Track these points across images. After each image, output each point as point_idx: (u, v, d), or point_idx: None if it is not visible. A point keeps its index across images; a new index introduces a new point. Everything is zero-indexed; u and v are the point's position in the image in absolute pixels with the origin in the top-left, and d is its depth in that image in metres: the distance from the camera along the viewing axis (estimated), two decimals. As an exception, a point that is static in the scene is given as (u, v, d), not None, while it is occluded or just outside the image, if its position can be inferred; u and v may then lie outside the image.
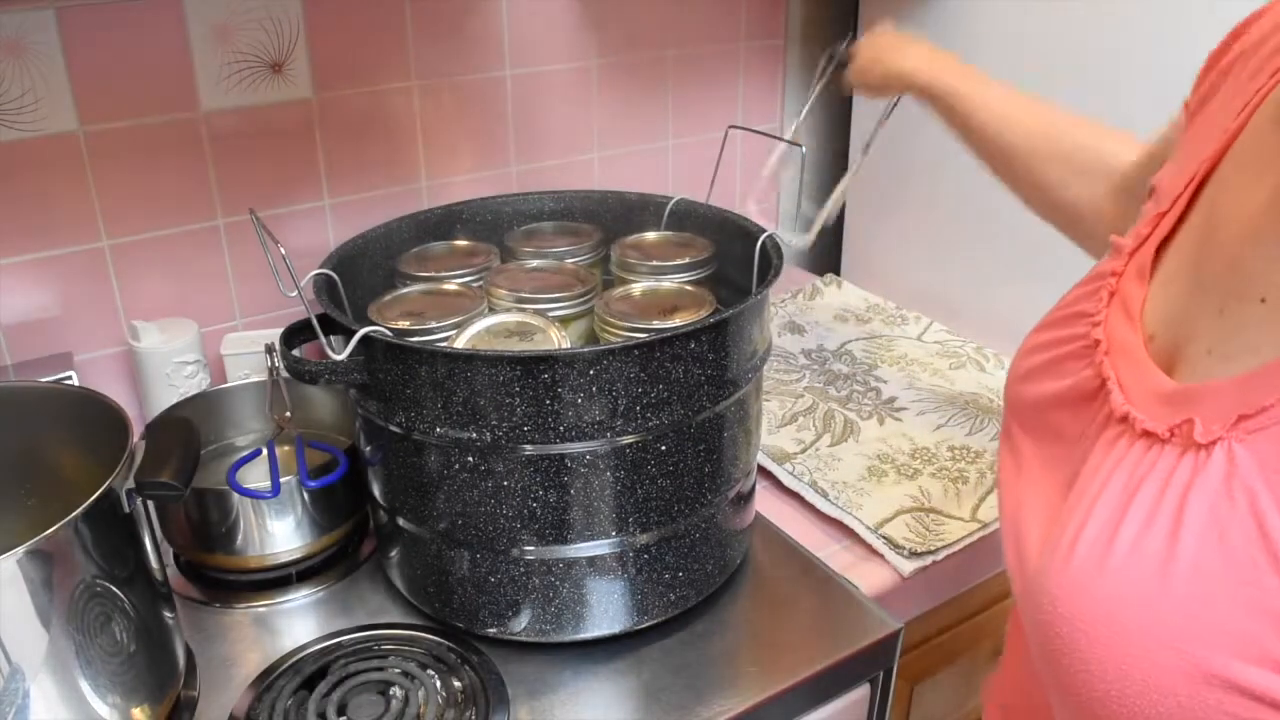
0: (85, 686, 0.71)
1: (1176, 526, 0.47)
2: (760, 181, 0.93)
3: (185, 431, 0.81)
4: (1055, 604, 0.51)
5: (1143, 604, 0.47)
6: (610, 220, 1.09)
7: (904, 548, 0.97)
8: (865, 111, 1.52)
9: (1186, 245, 0.57)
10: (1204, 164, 0.58)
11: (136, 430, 0.77)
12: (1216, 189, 0.57)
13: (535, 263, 0.99)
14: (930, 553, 0.97)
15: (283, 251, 0.76)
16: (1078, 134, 0.87)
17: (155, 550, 0.80)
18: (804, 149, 0.91)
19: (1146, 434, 0.51)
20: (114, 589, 0.73)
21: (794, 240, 1.07)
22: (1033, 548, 0.57)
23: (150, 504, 0.85)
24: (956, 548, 0.99)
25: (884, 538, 0.99)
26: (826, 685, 0.89)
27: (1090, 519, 0.51)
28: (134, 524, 0.76)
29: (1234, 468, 0.46)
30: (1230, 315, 0.52)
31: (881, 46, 1.03)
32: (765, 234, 0.91)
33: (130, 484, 0.73)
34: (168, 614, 0.81)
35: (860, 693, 0.93)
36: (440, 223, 1.06)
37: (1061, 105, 0.90)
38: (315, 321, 0.80)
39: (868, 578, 0.96)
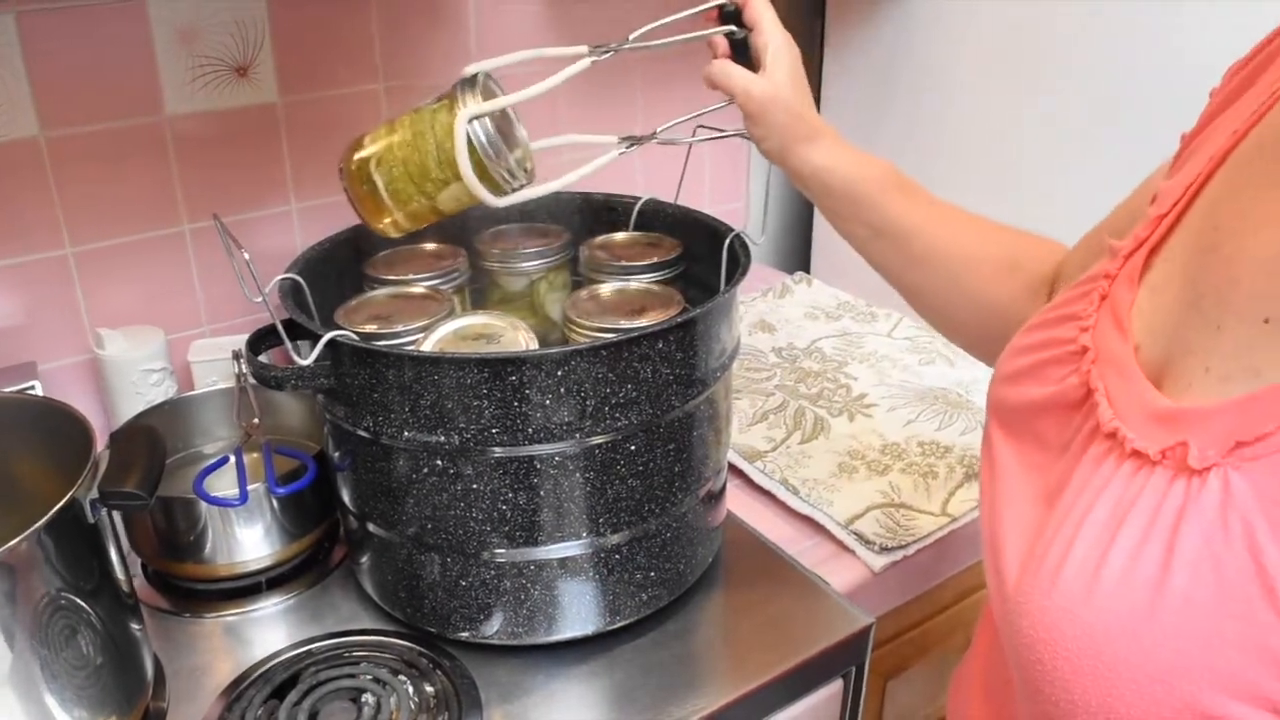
0: (51, 701, 0.70)
1: (1168, 556, 0.45)
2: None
3: (150, 440, 0.80)
4: (1037, 629, 0.49)
5: (1131, 636, 0.45)
6: (578, 221, 1.09)
7: (875, 543, 0.98)
8: (834, 101, 1.52)
9: (1180, 253, 0.55)
10: (1207, 168, 0.56)
11: (101, 440, 0.77)
12: (1217, 197, 0.55)
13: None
14: (901, 548, 0.98)
15: (246, 257, 0.76)
16: (1001, 235, 0.83)
17: (121, 561, 0.79)
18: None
19: (1136, 454, 0.49)
20: (79, 601, 0.72)
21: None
22: (1012, 562, 0.55)
23: (116, 514, 0.85)
24: (927, 542, 0.99)
25: (855, 533, 0.99)
26: (799, 682, 0.89)
27: (1076, 542, 0.49)
28: (99, 535, 0.75)
29: (1229, 497, 0.44)
30: (1230, 333, 0.50)
31: (787, 130, 0.84)
32: (733, 233, 0.91)
33: (94, 494, 0.73)
34: (135, 625, 0.80)
35: (833, 688, 0.93)
36: (407, 226, 1.05)
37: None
38: (280, 327, 0.80)
39: (839, 574, 0.97)
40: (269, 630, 0.91)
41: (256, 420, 0.93)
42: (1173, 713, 0.43)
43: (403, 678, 0.84)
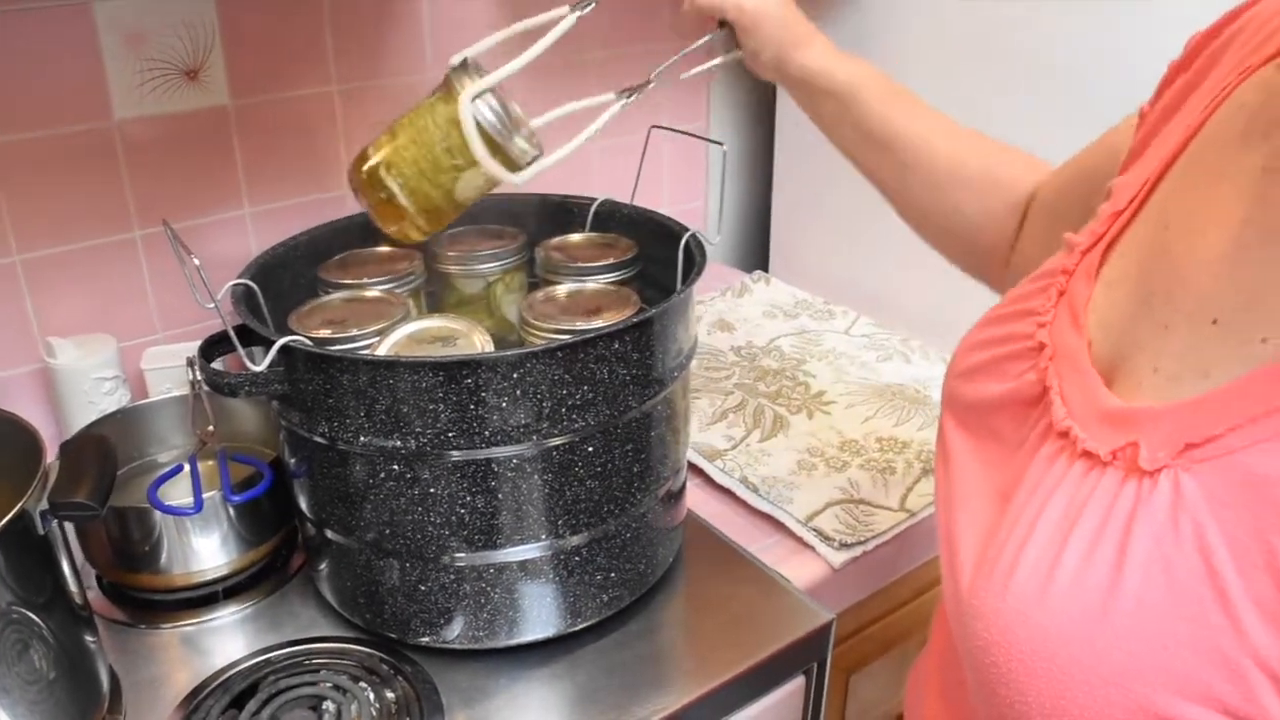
0: (3, 716, 0.69)
1: (1120, 558, 0.45)
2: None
3: (101, 449, 0.79)
4: (991, 631, 0.49)
5: (1084, 638, 0.45)
6: (535, 223, 1.08)
7: (834, 539, 0.98)
8: (790, 101, 1.53)
9: (1134, 249, 0.56)
10: (1161, 164, 0.56)
11: (52, 450, 0.76)
12: (1168, 194, 0.55)
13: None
14: (860, 543, 0.99)
15: (196, 263, 0.75)
16: (983, 149, 0.83)
17: (74, 573, 0.78)
18: (725, 148, 0.91)
19: (1087, 454, 0.50)
20: (30, 615, 0.71)
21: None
22: (966, 562, 0.55)
23: (68, 526, 0.83)
24: (886, 537, 1.00)
25: (814, 530, 1.00)
26: (762, 679, 0.89)
27: (1029, 544, 0.49)
28: (50, 547, 0.74)
29: (1180, 499, 0.44)
30: (1178, 333, 0.50)
31: (781, 38, 0.86)
32: (688, 233, 0.91)
33: (44, 505, 0.72)
34: (89, 638, 0.79)
35: (795, 685, 0.93)
36: (363, 229, 1.04)
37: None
38: (232, 333, 0.79)
39: (799, 570, 0.97)
40: (227, 640, 0.91)
41: (211, 428, 0.93)
42: (1125, 714, 0.43)
43: (363, 684, 0.83)
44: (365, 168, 0.84)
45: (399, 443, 0.76)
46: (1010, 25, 1.18)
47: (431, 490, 0.78)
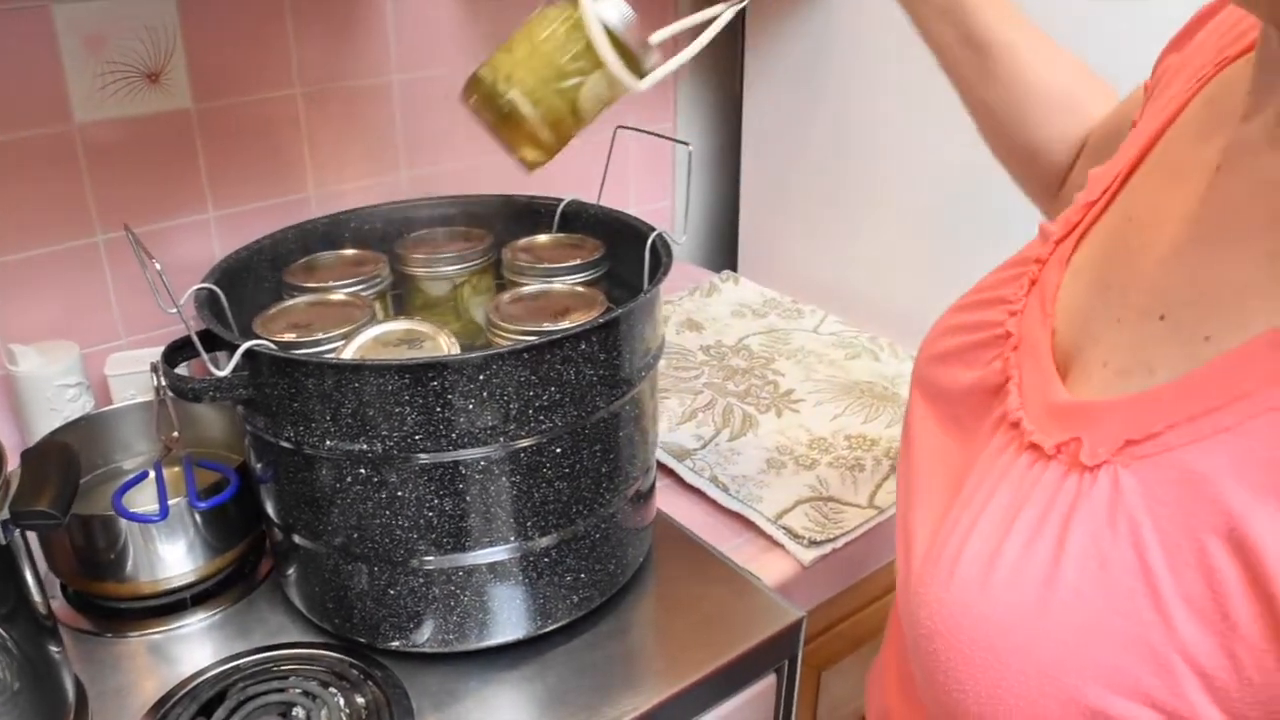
0: (-35, 727, 0.69)
1: (1058, 551, 0.45)
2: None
3: (64, 457, 0.78)
4: (934, 620, 0.50)
5: (1020, 629, 0.46)
6: (501, 224, 1.08)
7: (804, 537, 0.99)
8: (757, 102, 1.53)
9: (1100, 240, 0.56)
10: (1131, 158, 0.57)
11: (13, 459, 0.75)
12: (1136, 186, 0.56)
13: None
14: (830, 541, 0.99)
15: (158, 267, 0.74)
16: (1075, 66, 0.81)
17: (38, 582, 0.77)
18: (690, 148, 0.91)
19: (1033, 447, 0.50)
20: (-8, 624, 0.70)
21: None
22: (918, 549, 0.55)
23: (31, 535, 0.82)
24: (855, 534, 1.01)
25: (784, 528, 1.00)
26: (733, 677, 0.90)
27: (974, 534, 0.50)
28: (12, 556, 0.73)
29: (1119, 495, 0.45)
30: (1127, 328, 0.50)
31: None
32: (655, 232, 0.91)
33: (5, 515, 0.71)
34: (54, 648, 0.78)
35: (767, 683, 0.94)
36: (328, 232, 1.04)
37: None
38: (195, 338, 0.78)
39: (769, 568, 0.97)
40: (195, 647, 0.90)
41: (176, 434, 0.92)
42: (1058, 705, 0.44)
43: (333, 690, 0.83)
44: (483, 82, 0.80)
45: (365, 446, 0.76)
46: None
47: (399, 493, 0.78)
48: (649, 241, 0.91)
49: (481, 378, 0.74)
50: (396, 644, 0.85)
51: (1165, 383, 0.46)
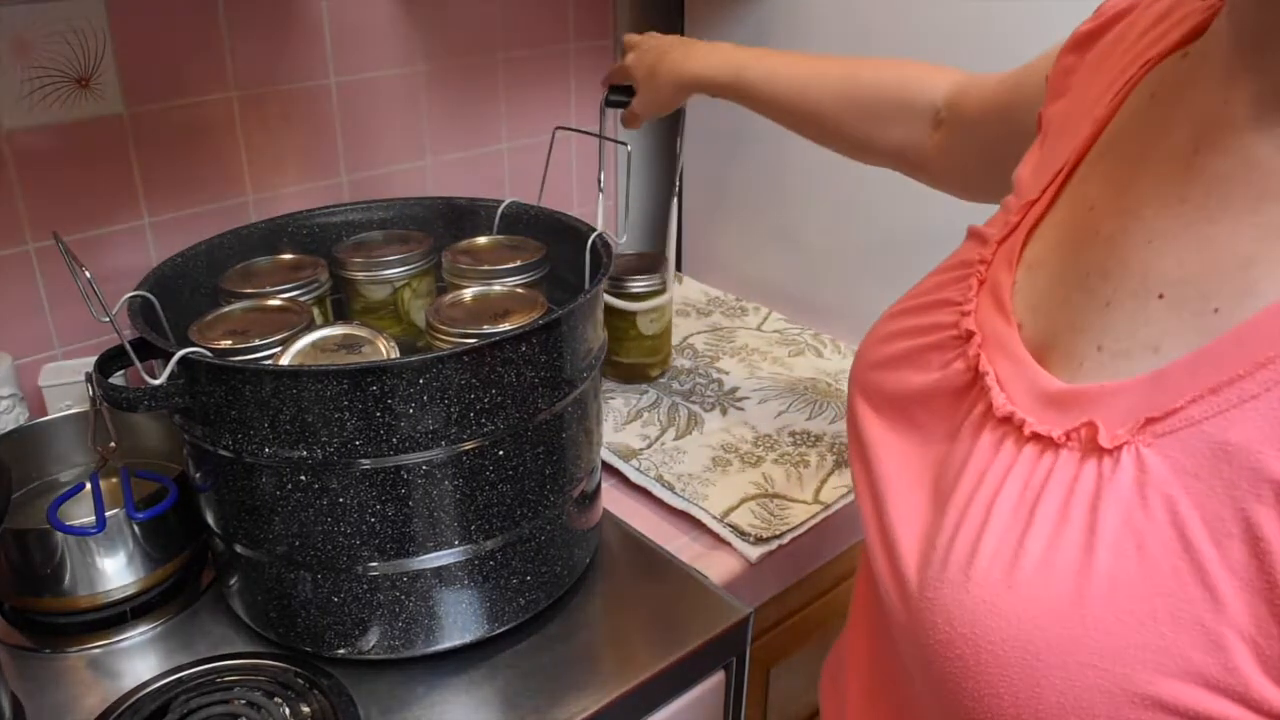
0: (-105, 749, 0.67)
1: (1090, 538, 0.44)
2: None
3: (-5, 471, 0.76)
4: (954, 625, 0.48)
5: (1057, 622, 0.44)
6: (442, 227, 1.08)
7: (750, 534, 0.99)
8: (696, 99, 1.54)
9: (1055, 233, 0.56)
10: (1074, 153, 0.57)
11: (-59, 473, 0.73)
12: (1087, 179, 0.56)
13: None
14: (776, 537, 1.00)
15: (89, 275, 0.73)
16: (880, 81, 0.93)
17: (-31, 598, 0.75)
18: (629, 148, 0.92)
19: (1037, 437, 0.49)
20: (-78, 643, 0.69)
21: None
22: (909, 558, 0.53)
23: (-38, 550, 0.81)
24: (801, 530, 1.01)
25: (730, 526, 1.01)
26: (682, 675, 0.90)
27: (986, 532, 0.48)
28: (-58, 572, 0.72)
29: (1145, 474, 0.44)
30: (1121, 310, 0.50)
31: (656, 64, 1.08)
32: (595, 233, 0.91)
33: (-66, 531, 0.69)
34: (-12, 664, 0.77)
35: (716, 680, 0.94)
36: (265, 237, 1.03)
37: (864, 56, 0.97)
38: (128, 347, 0.77)
39: (716, 566, 0.98)
40: (137, 661, 0.88)
41: (113, 444, 0.90)
42: (1103, 696, 0.43)
43: (278, 700, 0.82)
44: None
45: (305, 453, 0.75)
46: (908, 22, 1.20)
47: (341, 500, 0.77)
48: (589, 242, 0.91)
49: (422, 381, 0.74)
50: (342, 652, 0.85)
51: (1176, 359, 0.45)
